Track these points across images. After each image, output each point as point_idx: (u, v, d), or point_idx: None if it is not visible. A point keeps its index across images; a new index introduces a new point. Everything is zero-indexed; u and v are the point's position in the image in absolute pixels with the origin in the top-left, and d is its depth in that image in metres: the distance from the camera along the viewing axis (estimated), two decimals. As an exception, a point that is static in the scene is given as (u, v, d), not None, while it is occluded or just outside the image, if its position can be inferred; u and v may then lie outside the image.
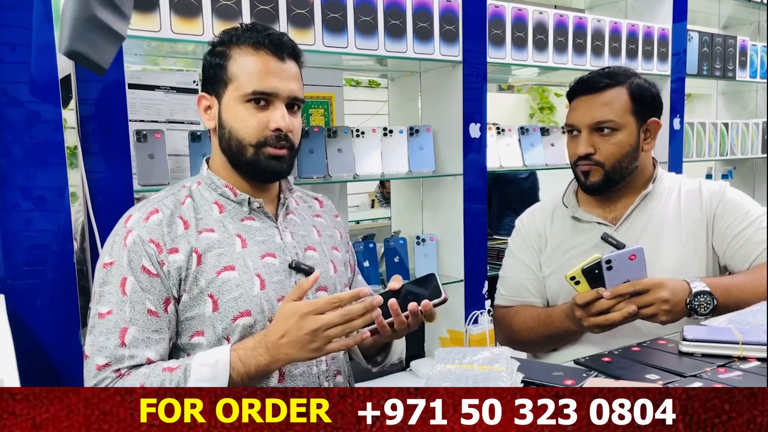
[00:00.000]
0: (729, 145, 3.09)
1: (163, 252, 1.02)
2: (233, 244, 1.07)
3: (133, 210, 1.08)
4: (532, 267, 1.51)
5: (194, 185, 1.13)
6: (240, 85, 1.06)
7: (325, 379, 1.15)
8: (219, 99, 1.10)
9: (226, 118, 1.08)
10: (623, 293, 1.20)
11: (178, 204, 1.08)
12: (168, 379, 0.96)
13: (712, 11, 3.30)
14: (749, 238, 1.37)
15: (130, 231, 1.03)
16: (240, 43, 1.08)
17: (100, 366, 0.99)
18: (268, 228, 1.13)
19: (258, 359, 0.98)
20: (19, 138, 1.32)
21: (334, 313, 0.95)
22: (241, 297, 1.05)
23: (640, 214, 1.44)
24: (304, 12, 1.70)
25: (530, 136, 2.32)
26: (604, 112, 1.36)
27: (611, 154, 1.37)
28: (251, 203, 1.12)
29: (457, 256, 2.12)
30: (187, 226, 1.06)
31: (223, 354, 0.98)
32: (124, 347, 0.99)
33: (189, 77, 1.84)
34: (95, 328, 1.01)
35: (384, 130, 2.03)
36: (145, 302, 1.01)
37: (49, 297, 1.36)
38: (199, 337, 1.05)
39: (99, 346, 1.00)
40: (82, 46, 1.05)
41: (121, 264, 1.01)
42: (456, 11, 1.99)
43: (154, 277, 1.02)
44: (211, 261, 1.05)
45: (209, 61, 1.11)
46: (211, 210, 1.10)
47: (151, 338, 1.01)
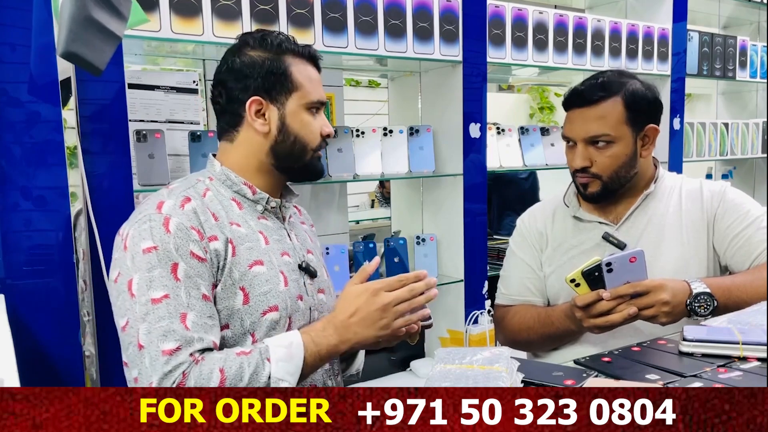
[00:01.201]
0: (729, 145, 3.09)
1: (204, 239, 1.02)
2: (258, 239, 1.09)
3: (160, 197, 1.05)
4: (533, 266, 1.51)
5: (207, 180, 1.12)
6: (305, 93, 1.12)
7: (329, 378, 1.17)
8: (281, 105, 1.11)
9: (291, 124, 1.12)
10: (623, 295, 1.20)
11: (200, 196, 1.07)
12: (246, 361, 0.95)
13: (712, 11, 3.30)
14: (749, 238, 1.37)
15: (169, 218, 1.00)
16: (289, 53, 1.12)
17: (170, 350, 0.93)
18: (279, 228, 1.16)
19: (328, 339, 1.02)
20: (19, 138, 1.32)
21: (402, 289, 1.03)
22: (270, 292, 1.06)
23: (641, 213, 1.44)
24: (304, 12, 1.70)
25: (530, 136, 2.32)
26: (598, 126, 1.36)
27: (607, 167, 1.37)
28: (269, 202, 1.14)
29: (457, 256, 2.12)
30: (216, 218, 1.06)
31: (295, 336, 1.01)
32: (189, 331, 0.96)
33: (189, 77, 1.84)
34: (150, 315, 0.95)
35: (384, 130, 2.03)
36: (200, 287, 0.99)
37: (49, 297, 1.36)
38: (224, 331, 1.03)
39: (164, 331, 0.94)
40: (78, 47, 1.04)
41: (167, 249, 0.98)
42: (456, 11, 1.99)
43: (203, 263, 1.00)
44: (244, 254, 1.06)
45: (268, 67, 1.10)
46: (231, 206, 1.10)
47: (208, 324, 0.99)
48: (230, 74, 1.11)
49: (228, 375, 0.93)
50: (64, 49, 1.04)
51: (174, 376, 0.92)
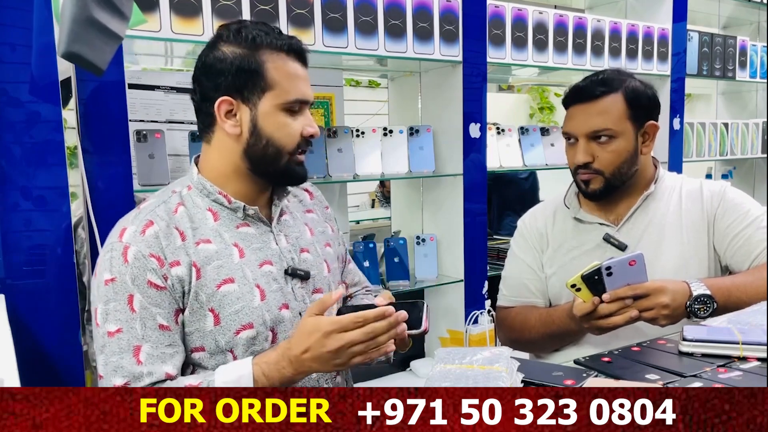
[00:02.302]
0: (729, 145, 3.09)
1: (164, 266, 0.99)
2: (231, 254, 1.04)
3: (125, 222, 1.02)
4: (534, 267, 1.51)
5: (185, 190, 1.08)
6: (281, 92, 1.03)
7: (324, 381, 1.14)
8: (253, 105, 1.03)
9: (264, 125, 1.04)
10: (623, 297, 1.20)
11: (170, 213, 1.03)
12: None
13: (712, 11, 3.30)
14: (749, 238, 1.37)
15: (128, 246, 0.98)
16: (269, 47, 1.03)
17: (118, 386, 0.95)
18: (263, 234, 1.10)
19: (282, 372, 0.96)
20: (19, 138, 1.32)
21: (358, 331, 0.93)
22: (242, 310, 1.03)
23: (641, 214, 1.44)
24: (304, 12, 1.70)
25: (530, 136, 2.33)
26: (600, 120, 1.36)
27: (610, 162, 1.37)
28: (246, 210, 1.08)
29: (457, 256, 2.12)
30: (184, 238, 1.02)
31: (245, 368, 0.96)
32: (141, 365, 0.96)
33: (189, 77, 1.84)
34: (106, 348, 0.97)
35: (384, 130, 2.04)
36: (155, 317, 0.98)
37: (49, 297, 1.37)
38: (199, 353, 1.03)
39: (114, 366, 0.96)
40: (79, 47, 1.04)
41: (123, 281, 0.97)
42: (456, 11, 1.99)
43: (162, 291, 0.98)
44: (211, 274, 1.01)
45: (238, 64, 1.02)
46: (205, 218, 1.05)
47: (166, 353, 0.98)
48: (203, 71, 1.05)
49: None
50: (66, 49, 1.04)
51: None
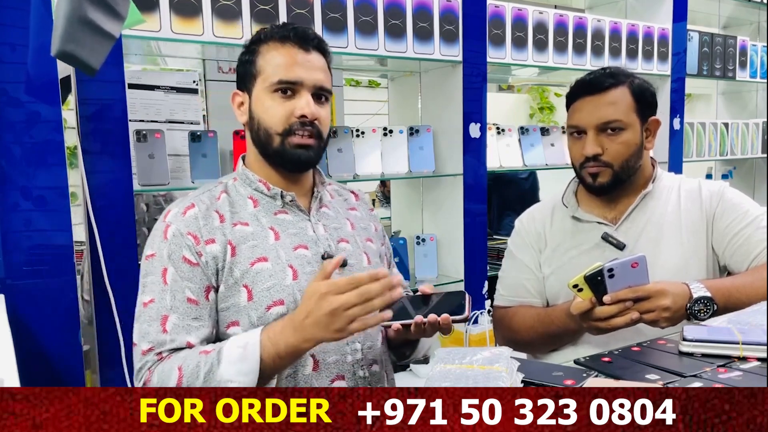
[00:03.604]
0: (729, 145, 3.09)
1: (200, 243, 1.07)
2: (266, 236, 1.11)
3: (172, 206, 1.13)
4: (532, 267, 1.51)
5: (230, 181, 1.18)
6: (267, 76, 1.11)
7: (360, 368, 1.14)
8: (249, 94, 1.14)
9: (255, 109, 1.13)
10: (624, 299, 1.20)
11: (213, 199, 1.13)
12: (203, 361, 0.99)
13: (712, 11, 3.30)
14: (748, 238, 1.37)
15: (169, 225, 1.08)
16: (268, 39, 1.13)
17: (144, 351, 1.03)
18: (300, 221, 1.16)
19: (287, 339, 0.99)
20: (19, 138, 1.32)
21: (353, 292, 0.95)
22: (274, 287, 1.08)
23: (640, 213, 1.44)
24: (304, 12, 1.70)
25: (530, 136, 2.33)
26: (610, 111, 1.36)
27: (619, 154, 1.37)
28: (284, 197, 1.15)
29: (457, 256, 2.12)
30: (222, 219, 1.10)
31: (254, 336, 1.00)
32: (166, 333, 1.03)
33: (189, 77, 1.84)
34: (140, 317, 1.06)
35: (384, 130, 2.04)
36: (185, 291, 1.05)
37: (49, 297, 1.37)
38: (234, 328, 1.08)
39: (143, 333, 1.04)
40: (72, 46, 1.04)
41: (161, 256, 1.06)
42: (456, 11, 1.99)
43: (194, 267, 1.06)
44: (245, 252, 1.08)
45: (241, 59, 1.16)
46: (245, 204, 1.14)
47: (191, 325, 1.05)
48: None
49: (185, 373, 0.98)
50: (59, 49, 1.04)
51: (142, 373, 1.02)
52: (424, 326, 1.05)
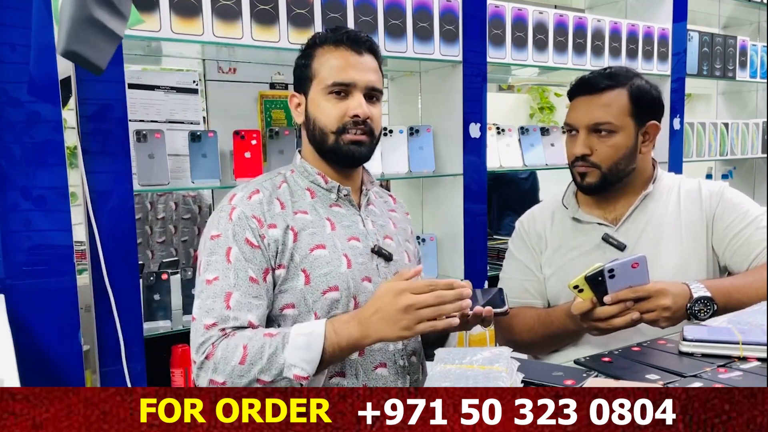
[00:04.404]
0: (729, 145, 3.09)
1: (263, 227, 1.12)
2: (324, 226, 1.17)
3: (237, 190, 1.19)
4: (533, 268, 1.51)
5: (288, 173, 1.24)
6: (322, 79, 1.17)
7: (401, 357, 1.20)
8: (306, 95, 1.20)
9: (311, 110, 1.19)
10: (624, 299, 1.20)
11: (275, 187, 1.19)
12: (268, 343, 1.02)
13: (712, 11, 3.30)
14: (748, 238, 1.37)
15: (234, 208, 1.13)
16: (322, 43, 1.19)
17: (207, 325, 1.06)
18: (352, 215, 1.22)
19: (350, 331, 1.03)
20: (19, 138, 1.32)
21: (429, 294, 1.00)
22: (330, 273, 1.13)
23: (640, 214, 1.44)
24: (304, 12, 1.70)
25: (530, 136, 2.32)
26: (602, 113, 1.36)
27: (608, 156, 1.38)
28: (340, 190, 1.21)
29: (457, 256, 2.12)
30: (283, 207, 1.16)
31: (319, 326, 1.04)
32: (229, 310, 1.07)
33: (189, 77, 1.84)
34: (203, 293, 1.10)
35: (384, 130, 2.03)
36: (247, 270, 1.10)
37: (49, 297, 1.36)
38: (289, 309, 1.13)
39: (207, 308, 1.08)
40: (79, 46, 1.05)
41: (226, 236, 1.11)
42: (456, 11, 1.99)
43: (255, 249, 1.11)
44: (306, 239, 1.14)
45: (297, 63, 1.22)
46: (304, 195, 1.20)
47: (252, 303, 1.09)
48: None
49: (250, 352, 1.01)
50: (65, 48, 1.04)
51: (206, 347, 1.05)
52: (468, 318, 1.10)
